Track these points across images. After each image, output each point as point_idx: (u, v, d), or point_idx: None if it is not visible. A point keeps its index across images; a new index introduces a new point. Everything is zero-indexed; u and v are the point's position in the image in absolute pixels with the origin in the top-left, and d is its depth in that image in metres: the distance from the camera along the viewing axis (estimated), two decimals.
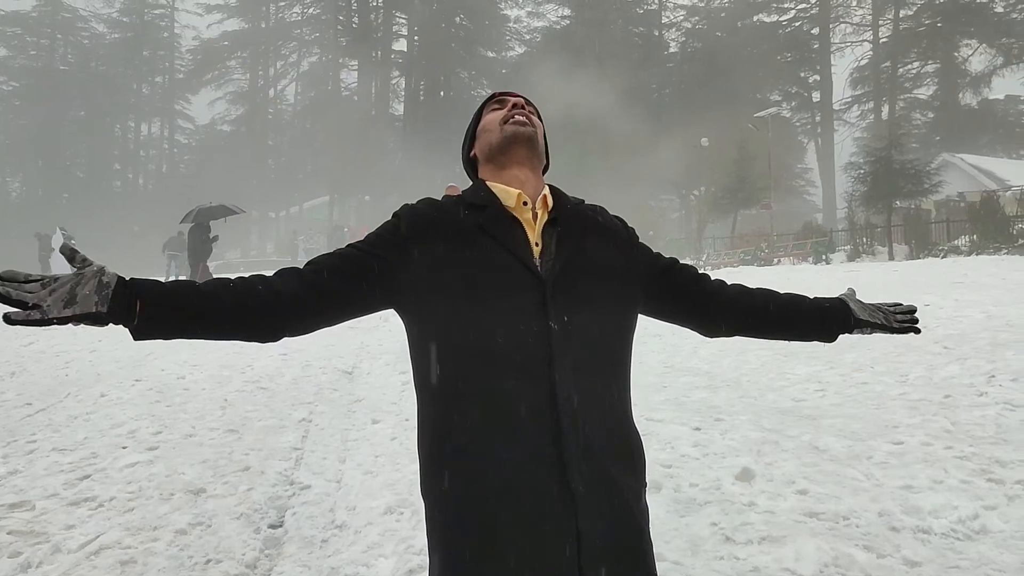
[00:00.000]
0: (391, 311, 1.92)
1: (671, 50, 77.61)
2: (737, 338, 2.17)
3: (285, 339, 1.83)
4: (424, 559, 4.13)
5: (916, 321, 2.20)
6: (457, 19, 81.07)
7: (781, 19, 72.90)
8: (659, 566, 3.97)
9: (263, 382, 9.09)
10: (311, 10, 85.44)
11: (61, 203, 70.85)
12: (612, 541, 1.71)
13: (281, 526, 4.96)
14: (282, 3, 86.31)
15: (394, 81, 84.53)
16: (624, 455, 1.81)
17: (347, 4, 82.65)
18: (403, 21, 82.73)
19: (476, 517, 1.68)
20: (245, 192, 59.07)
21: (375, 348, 11.37)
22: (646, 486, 1.89)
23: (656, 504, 4.84)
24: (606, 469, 1.73)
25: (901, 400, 7.00)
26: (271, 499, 5.37)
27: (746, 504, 4.82)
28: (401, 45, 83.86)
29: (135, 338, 1.58)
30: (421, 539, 4.44)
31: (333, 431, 7.09)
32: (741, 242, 43.90)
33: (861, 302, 2.19)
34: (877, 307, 2.20)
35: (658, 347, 10.21)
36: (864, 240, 34.67)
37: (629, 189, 51.63)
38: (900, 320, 2.18)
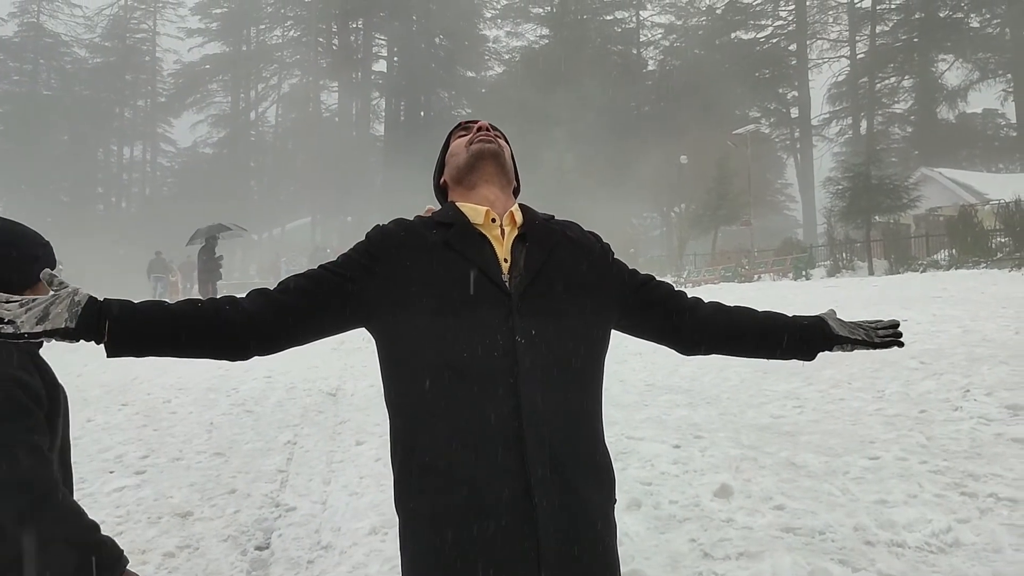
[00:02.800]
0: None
1: (649, 68, 78.15)
2: (717, 356, 2.21)
3: (264, 360, 1.87)
4: None
5: (899, 335, 2.18)
6: (436, 40, 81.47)
7: (758, 36, 73.60)
8: None
9: (248, 405, 9.13)
10: (291, 33, 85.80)
11: (45, 227, 70.21)
12: (574, 556, 1.74)
13: (267, 548, 5.02)
14: (262, 26, 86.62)
15: (375, 102, 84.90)
16: (591, 470, 1.84)
17: (327, 26, 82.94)
18: (383, 42, 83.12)
19: (443, 531, 1.72)
20: (227, 214, 58.88)
21: (359, 369, 11.41)
22: (615, 502, 1.92)
23: (636, 521, 4.93)
24: (571, 484, 1.76)
25: (878, 416, 7.11)
26: (257, 521, 5.43)
27: (724, 520, 4.90)
28: (381, 66, 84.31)
29: (108, 354, 1.64)
30: None
31: (318, 453, 7.14)
32: (722, 258, 44.10)
33: (841, 320, 2.16)
34: (858, 324, 2.17)
35: (639, 366, 10.29)
36: (844, 255, 34.90)
37: (610, 207, 51.84)
38: (882, 335, 2.15)
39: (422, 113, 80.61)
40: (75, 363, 12.17)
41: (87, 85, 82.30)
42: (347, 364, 11.96)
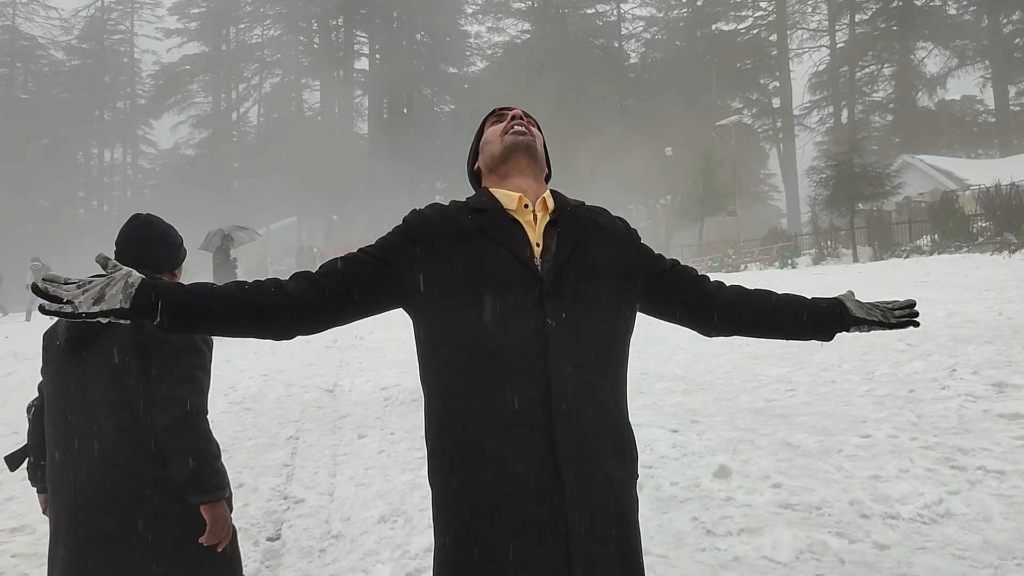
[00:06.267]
0: (374, 318, 2.05)
1: (632, 61, 78.22)
2: (710, 341, 2.32)
3: (261, 359, 1.96)
4: (419, 563, 4.34)
5: (916, 315, 2.24)
6: (418, 36, 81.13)
7: (739, 27, 73.72)
8: (645, 560, 4.20)
9: (247, 403, 9.21)
10: (271, 31, 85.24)
11: (26, 232, 69.94)
12: (599, 529, 1.85)
13: (279, 539, 5.13)
14: (242, 25, 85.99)
15: (357, 100, 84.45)
16: (615, 448, 1.93)
17: (308, 24, 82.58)
18: (364, 40, 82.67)
19: (475, 506, 1.83)
20: (212, 216, 58.71)
21: (355, 366, 11.50)
22: (637, 477, 2.03)
23: (639, 502, 5.07)
24: (597, 461, 1.86)
25: (868, 396, 7.27)
26: (267, 514, 5.54)
27: (724, 499, 5.06)
28: (363, 64, 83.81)
29: (163, 333, 1.75)
30: (416, 544, 4.64)
31: (321, 447, 7.24)
32: (708, 249, 44.20)
33: (859, 301, 2.23)
34: (875, 305, 2.23)
35: (633, 355, 10.21)
36: (828, 243, 35.08)
37: (595, 200, 51.65)
38: (898, 316, 2.22)
39: (405, 110, 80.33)
40: None
41: (65, 88, 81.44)
42: (343, 361, 12.05)
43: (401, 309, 2.03)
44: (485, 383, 1.84)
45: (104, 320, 1.64)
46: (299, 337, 1.97)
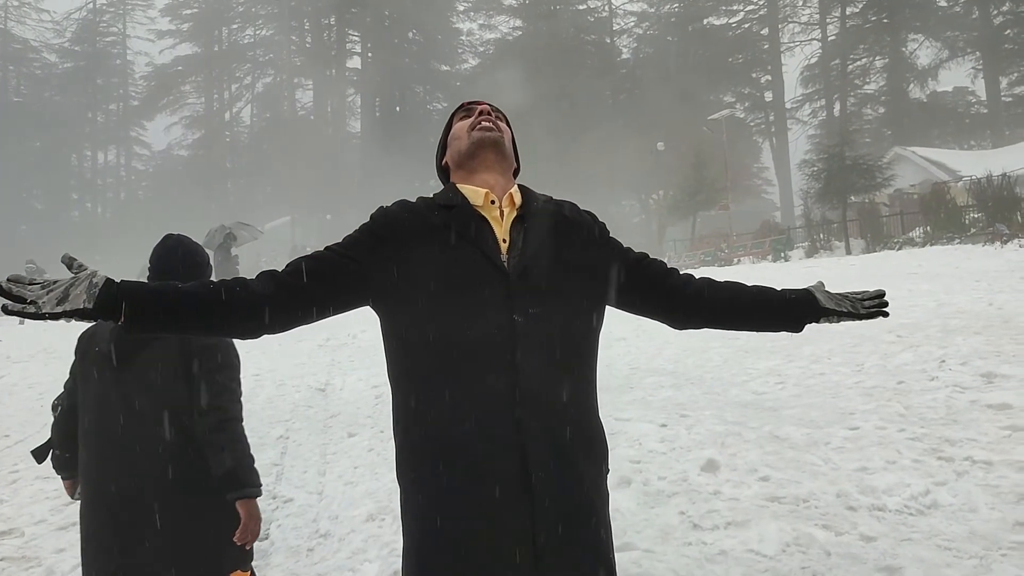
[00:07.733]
0: (367, 316, 2.03)
1: (623, 56, 78.21)
2: (700, 335, 2.32)
3: (253, 358, 1.94)
4: None
5: (885, 304, 2.25)
6: (410, 34, 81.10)
7: (730, 21, 73.70)
8: (631, 554, 4.22)
9: None
10: (263, 32, 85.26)
11: (20, 235, 69.75)
12: (568, 524, 1.85)
13: (267, 538, 5.13)
14: (234, 26, 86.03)
15: (350, 98, 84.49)
16: (584, 443, 1.93)
17: (299, 24, 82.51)
18: (356, 38, 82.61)
19: (443, 501, 1.83)
20: (206, 217, 58.62)
21: (346, 364, 11.49)
22: (608, 472, 2.03)
23: (626, 497, 5.07)
24: (566, 456, 1.86)
25: (857, 388, 7.27)
26: None
27: (712, 493, 5.06)
28: (355, 62, 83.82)
29: (126, 332, 1.73)
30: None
31: (311, 446, 7.24)
32: (701, 243, 44.29)
33: (828, 292, 2.23)
34: (844, 296, 2.23)
35: (624, 350, 10.42)
36: (821, 236, 35.11)
37: (588, 196, 51.91)
38: (867, 307, 2.22)
39: (397, 108, 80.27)
40: (62, 370, 12.19)
41: (58, 90, 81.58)
42: (334, 360, 12.04)
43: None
44: (453, 379, 1.84)
45: (67, 321, 1.64)
46: (291, 335, 1.97)
